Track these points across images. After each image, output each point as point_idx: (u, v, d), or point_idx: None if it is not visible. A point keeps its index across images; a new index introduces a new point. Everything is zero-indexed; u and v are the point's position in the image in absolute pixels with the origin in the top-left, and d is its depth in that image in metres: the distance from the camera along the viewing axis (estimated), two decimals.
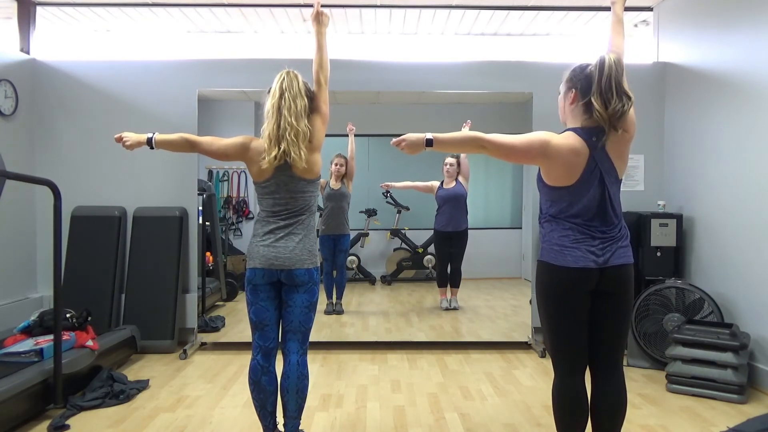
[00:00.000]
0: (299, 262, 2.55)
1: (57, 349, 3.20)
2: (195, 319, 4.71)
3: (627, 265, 2.23)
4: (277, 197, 2.56)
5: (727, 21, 4.04)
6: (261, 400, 2.62)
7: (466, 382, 3.81)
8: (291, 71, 2.57)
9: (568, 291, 2.21)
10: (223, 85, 4.78)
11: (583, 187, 2.17)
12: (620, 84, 2.15)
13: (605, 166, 2.18)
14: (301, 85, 2.55)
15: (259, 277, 2.57)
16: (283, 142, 2.44)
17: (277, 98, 2.49)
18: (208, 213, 5.04)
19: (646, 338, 4.07)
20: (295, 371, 2.59)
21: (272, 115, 2.48)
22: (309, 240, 2.60)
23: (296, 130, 2.45)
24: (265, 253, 2.55)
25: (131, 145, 2.69)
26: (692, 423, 3.15)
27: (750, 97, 3.79)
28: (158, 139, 2.66)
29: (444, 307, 5.36)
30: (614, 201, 2.22)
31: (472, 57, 5.41)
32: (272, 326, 2.62)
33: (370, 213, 5.71)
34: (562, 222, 2.22)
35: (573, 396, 2.27)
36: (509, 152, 2.22)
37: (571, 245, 2.18)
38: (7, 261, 4.47)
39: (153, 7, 5.01)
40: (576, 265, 2.17)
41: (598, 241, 2.18)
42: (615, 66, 2.15)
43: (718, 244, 4.12)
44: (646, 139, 4.85)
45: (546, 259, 2.25)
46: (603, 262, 2.17)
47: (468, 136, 2.23)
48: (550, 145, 2.15)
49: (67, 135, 4.79)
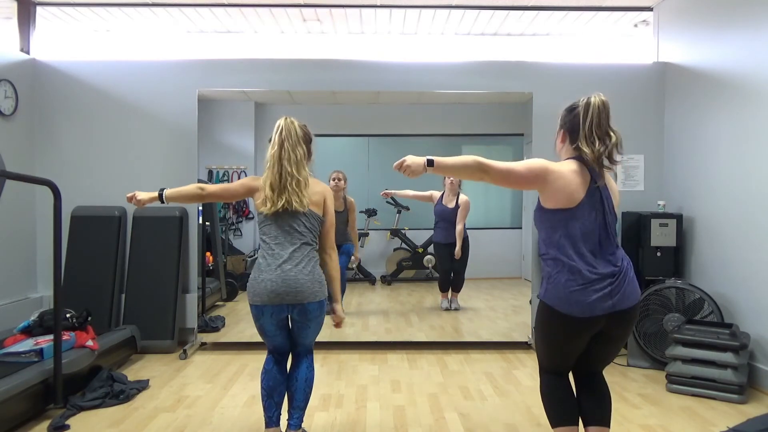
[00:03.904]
0: (312, 295, 2.56)
1: (57, 349, 3.20)
2: (195, 319, 4.71)
3: (635, 306, 2.19)
4: (282, 224, 2.58)
5: (727, 21, 4.04)
6: (270, 389, 2.68)
7: (466, 382, 3.81)
8: (288, 119, 2.63)
9: (570, 336, 2.20)
10: (223, 85, 4.78)
11: (584, 209, 2.15)
12: (600, 127, 2.15)
13: (605, 192, 2.19)
14: (299, 132, 2.61)
15: (267, 316, 2.58)
16: (285, 192, 2.54)
17: (277, 148, 2.57)
18: (208, 213, 5.05)
19: (646, 338, 4.07)
20: (305, 363, 2.74)
21: (273, 165, 2.57)
22: (318, 270, 2.62)
23: (297, 180, 2.56)
24: (273, 288, 2.51)
25: (143, 202, 2.68)
26: (692, 423, 3.15)
27: (750, 97, 3.79)
28: (169, 193, 2.66)
29: (444, 307, 5.36)
30: (611, 228, 2.20)
31: (472, 57, 5.40)
32: (285, 345, 2.73)
33: (370, 213, 5.71)
34: (567, 256, 2.14)
35: (561, 387, 2.33)
36: (510, 177, 2.17)
37: (578, 290, 2.11)
38: (7, 261, 4.47)
39: (153, 7, 5.01)
40: (582, 315, 2.12)
41: (607, 281, 2.12)
42: (599, 109, 2.16)
43: (718, 244, 4.12)
44: (646, 139, 4.86)
45: (551, 303, 2.18)
46: (611, 307, 2.11)
47: (469, 161, 2.15)
48: (550, 169, 2.14)
49: (67, 135, 4.79)
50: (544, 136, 4.45)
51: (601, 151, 2.14)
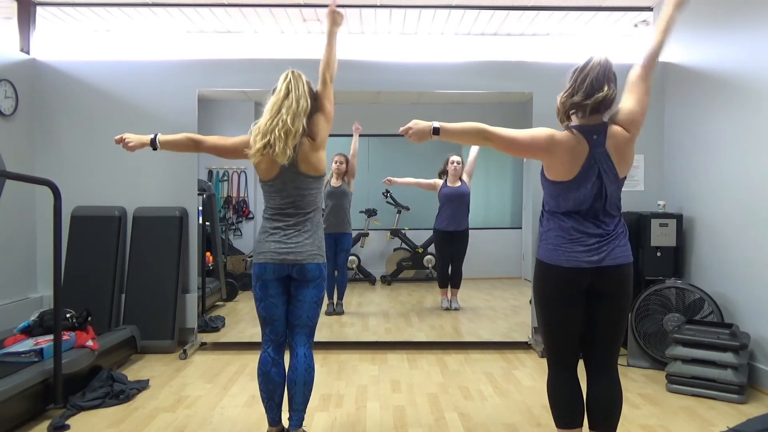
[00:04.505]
0: (311, 257, 2.60)
1: (57, 349, 3.20)
2: (195, 319, 4.71)
3: (623, 265, 2.22)
4: (284, 195, 2.60)
5: (727, 21, 4.04)
6: (269, 392, 2.66)
7: (466, 382, 3.81)
8: (295, 71, 2.61)
9: (560, 290, 2.24)
10: (223, 85, 4.78)
11: (580, 182, 2.19)
12: (600, 77, 2.19)
13: (604, 164, 2.19)
14: (305, 86, 2.59)
15: (269, 272, 2.60)
16: (270, 135, 2.46)
17: (281, 96, 2.52)
18: (208, 213, 5.05)
19: (646, 338, 4.07)
20: (303, 363, 2.65)
21: (269, 111, 2.51)
22: (318, 236, 2.65)
23: (287, 128, 2.46)
24: (276, 248, 2.58)
25: (133, 146, 2.70)
26: (692, 423, 3.15)
27: (750, 97, 3.79)
28: (162, 139, 2.68)
29: (444, 307, 5.36)
30: (611, 198, 2.22)
31: (472, 57, 5.40)
32: (282, 320, 2.68)
33: (370, 213, 5.71)
34: (559, 218, 2.25)
35: (567, 387, 2.32)
36: (513, 145, 2.26)
37: (566, 244, 2.21)
38: (7, 261, 4.47)
39: (153, 7, 5.01)
40: (568, 265, 2.19)
41: (594, 239, 2.19)
42: (600, 64, 2.22)
43: (718, 244, 4.12)
44: (646, 139, 4.84)
45: (541, 257, 2.29)
46: (597, 261, 2.18)
47: (473, 127, 2.25)
48: (553, 140, 2.19)
49: (67, 135, 4.79)
50: None
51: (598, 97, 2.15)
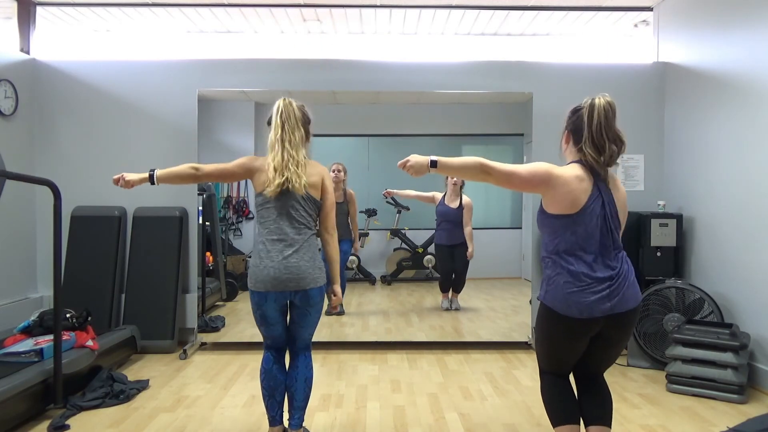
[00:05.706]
0: (313, 281, 2.59)
1: (57, 349, 3.19)
2: (195, 319, 4.71)
3: (634, 309, 2.18)
4: (282, 208, 2.58)
5: (727, 21, 4.04)
6: (271, 389, 2.69)
7: (466, 382, 3.81)
8: (286, 100, 2.63)
9: (569, 336, 2.21)
10: (223, 85, 4.78)
11: (586, 215, 2.14)
12: (610, 129, 2.15)
13: (608, 197, 2.18)
14: (298, 114, 2.63)
15: (270, 302, 2.58)
16: (287, 171, 2.55)
17: (279, 131, 2.58)
18: (208, 213, 5.04)
19: (646, 338, 4.07)
20: (303, 362, 2.72)
21: (276, 148, 2.58)
22: (318, 256, 2.64)
23: (297, 162, 2.57)
24: (276, 274, 2.53)
25: (133, 184, 2.65)
26: (692, 423, 3.15)
27: (750, 97, 3.79)
28: (159, 174, 2.62)
29: (444, 307, 5.37)
30: (615, 232, 2.19)
31: (472, 57, 5.41)
32: (282, 336, 2.74)
33: (370, 213, 5.71)
34: (567, 262, 2.16)
35: (561, 387, 2.34)
36: (513, 178, 2.18)
37: (577, 292, 2.12)
38: (7, 261, 4.47)
39: (153, 7, 5.01)
40: (581, 316, 2.13)
41: (605, 285, 2.12)
42: (605, 110, 2.15)
43: (718, 244, 4.12)
44: (646, 139, 4.86)
45: (550, 304, 2.20)
46: (610, 309, 2.12)
47: (472, 162, 2.17)
48: (553, 173, 2.15)
49: (67, 135, 4.79)
50: (544, 137, 4.46)
51: (609, 155, 2.14)
